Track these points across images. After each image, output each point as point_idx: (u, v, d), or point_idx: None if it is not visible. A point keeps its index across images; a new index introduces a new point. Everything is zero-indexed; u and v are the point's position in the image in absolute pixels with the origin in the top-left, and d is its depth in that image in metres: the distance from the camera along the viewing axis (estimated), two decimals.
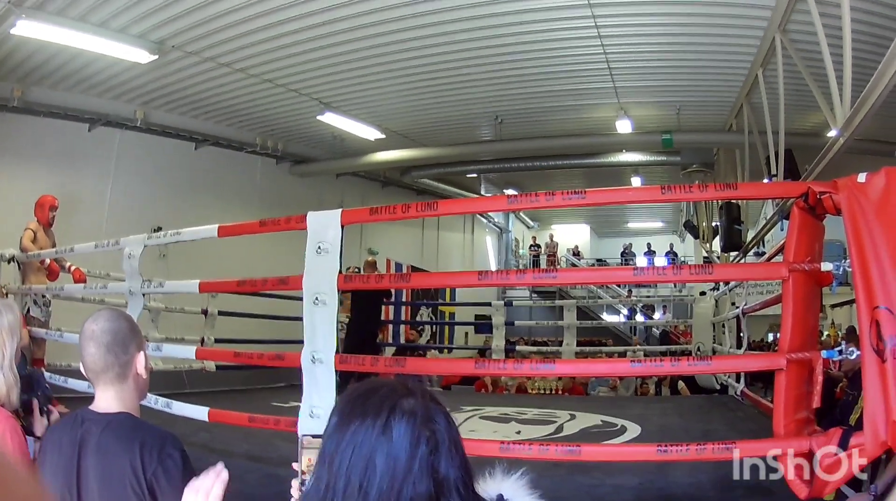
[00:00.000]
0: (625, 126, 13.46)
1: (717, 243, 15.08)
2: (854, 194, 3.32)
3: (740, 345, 9.30)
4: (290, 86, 11.86)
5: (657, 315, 25.71)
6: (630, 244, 28.54)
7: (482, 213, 24.08)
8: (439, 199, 16.94)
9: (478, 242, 25.84)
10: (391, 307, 18.63)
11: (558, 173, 18.84)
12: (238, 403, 7.96)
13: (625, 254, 28.23)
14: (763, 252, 15.58)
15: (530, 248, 28.18)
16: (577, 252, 28.75)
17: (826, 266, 3.61)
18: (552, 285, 20.61)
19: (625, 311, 26.32)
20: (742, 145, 12.66)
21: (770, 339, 20.47)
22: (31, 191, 9.34)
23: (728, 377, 9.71)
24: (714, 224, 15.77)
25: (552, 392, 12.95)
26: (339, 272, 4.56)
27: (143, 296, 6.18)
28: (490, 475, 1.49)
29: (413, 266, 20.27)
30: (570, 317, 13.18)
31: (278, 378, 10.82)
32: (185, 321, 10.89)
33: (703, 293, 11.69)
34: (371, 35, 9.87)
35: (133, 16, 9.02)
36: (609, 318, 26.02)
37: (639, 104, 12.96)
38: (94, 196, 12.04)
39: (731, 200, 12.85)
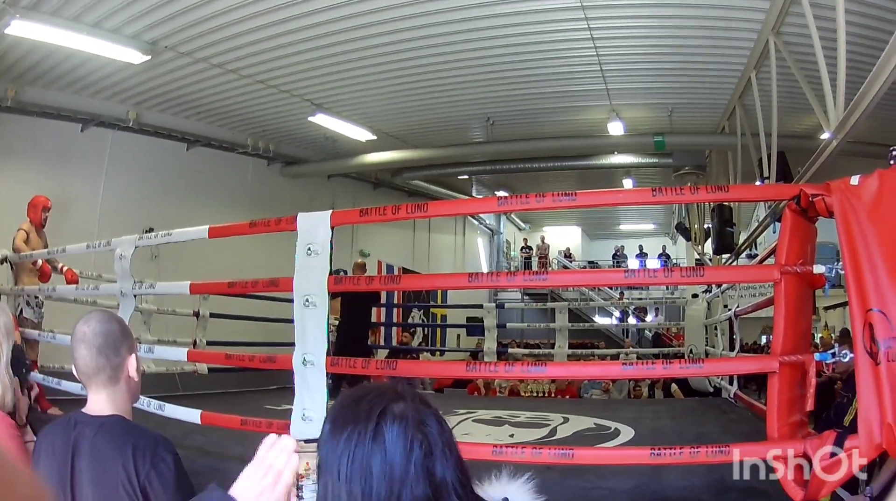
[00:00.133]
0: (617, 128, 13.48)
1: (709, 246, 15.12)
2: (847, 197, 3.32)
3: (733, 347, 9.30)
4: (281, 87, 11.85)
5: (649, 318, 25.70)
6: (622, 247, 28.55)
7: (473, 214, 24.10)
8: (430, 200, 16.92)
9: (469, 244, 25.83)
10: (383, 310, 18.61)
11: (550, 175, 18.84)
12: (230, 405, 7.94)
13: (616, 256, 28.25)
14: (755, 254, 15.64)
15: (522, 250, 28.17)
16: (568, 254, 28.74)
17: (818, 269, 3.61)
18: (543, 288, 20.66)
19: (617, 313, 26.34)
20: (734, 148, 12.69)
21: (763, 341, 20.52)
22: (23, 191, 9.31)
23: (721, 379, 9.70)
24: (706, 226, 15.79)
25: (545, 395, 12.94)
26: (330, 274, 4.54)
27: (135, 298, 6.15)
28: (496, 478, 1.49)
29: (404, 268, 20.24)
30: (562, 319, 13.17)
31: (271, 381, 10.77)
32: (177, 323, 10.86)
33: (696, 296, 11.67)
34: (363, 37, 9.88)
35: (126, 16, 9.01)
36: (601, 320, 26.00)
37: (631, 106, 12.98)
38: (87, 196, 12.01)
39: (723, 202, 12.87)
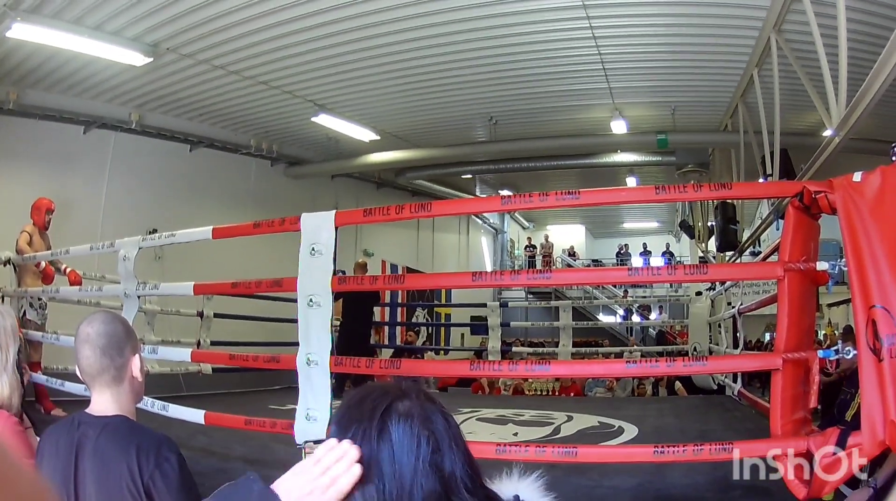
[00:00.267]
0: (619, 127, 13.46)
1: (712, 243, 15.10)
2: (850, 194, 3.31)
3: (737, 345, 9.30)
4: (284, 88, 11.85)
5: (653, 316, 25.68)
6: (626, 245, 28.54)
7: (477, 214, 24.08)
8: (434, 200, 16.93)
9: (473, 243, 25.81)
10: (387, 309, 18.63)
11: (553, 174, 18.83)
12: (234, 406, 7.95)
13: (620, 254, 28.23)
14: (759, 252, 15.60)
15: (526, 249, 28.15)
16: (572, 253, 28.72)
17: (821, 265, 3.61)
18: (547, 286, 20.63)
19: (621, 312, 26.33)
20: (737, 145, 12.66)
21: (767, 339, 20.49)
22: (25, 194, 9.31)
23: (725, 377, 9.71)
24: (710, 224, 15.77)
25: (549, 394, 12.94)
26: (334, 274, 4.55)
27: (139, 298, 6.17)
28: (507, 475, 1.49)
29: (408, 268, 20.25)
30: (566, 318, 13.18)
31: (275, 381, 10.80)
32: (181, 323, 10.88)
33: (699, 294, 11.66)
34: (365, 37, 9.87)
35: (128, 18, 9.01)
36: (605, 319, 26.02)
37: (633, 105, 12.97)
38: (90, 198, 12.01)
39: (726, 199, 12.86)
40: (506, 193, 17.72)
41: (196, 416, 5.38)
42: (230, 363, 5.94)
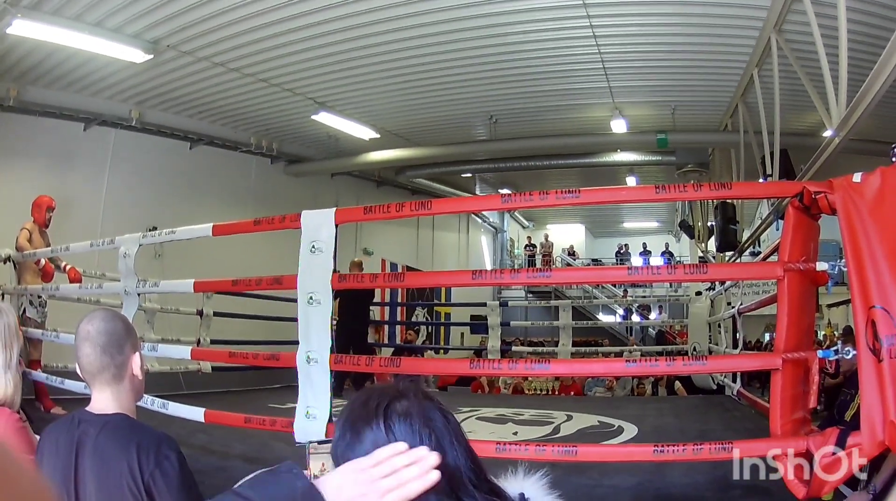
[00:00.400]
0: (620, 126, 13.46)
1: (712, 243, 15.10)
2: (849, 194, 3.32)
3: (736, 345, 9.30)
4: (284, 85, 11.85)
5: (653, 315, 25.69)
6: (626, 245, 28.55)
7: (476, 212, 24.08)
8: (434, 198, 16.92)
9: (473, 242, 25.79)
10: (387, 308, 18.63)
11: (553, 173, 18.84)
12: (234, 404, 7.94)
13: (620, 254, 28.23)
14: (759, 252, 15.60)
15: (525, 248, 28.14)
16: (572, 252, 28.72)
17: (821, 266, 3.62)
18: (547, 285, 20.64)
19: (621, 311, 26.34)
20: (737, 145, 12.67)
21: (766, 339, 20.49)
22: (25, 191, 9.32)
23: (724, 377, 9.71)
24: (709, 224, 15.77)
25: (549, 393, 12.94)
26: (334, 272, 4.55)
27: (139, 296, 6.17)
28: (512, 473, 1.50)
29: (408, 266, 20.23)
30: (566, 317, 13.19)
31: (274, 379, 10.79)
32: (181, 322, 10.88)
33: (699, 293, 11.66)
34: (366, 35, 9.87)
35: (128, 15, 9.01)
36: (605, 318, 26.02)
37: (634, 104, 12.97)
38: (89, 195, 12.00)
39: (726, 199, 12.86)
40: (506, 191, 17.70)
41: (196, 414, 5.39)
42: (230, 360, 5.94)
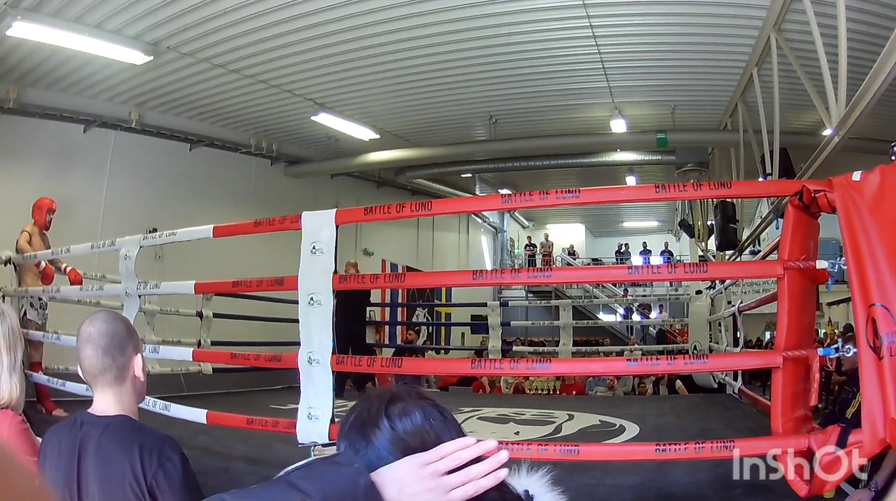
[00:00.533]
0: (619, 126, 13.46)
1: (712, 242, 15.10)
2: (849, 193, 3.33)
3: (737, 344, 9.30)
4: (284, 87, 11.85)
5: (653, 315, 25.70)
6: (627, 244, 28.56)
7: (477, 212, 24.11)
8: (434, 199, 16.92)
9: (473, 242, 25.80)
10: (387, 309, 18.65)
11: (553, 173, 18.84)
12: (235, 405, 7.95)
13: (620, 254, 28.24)
14: (759, 251, 15.60)
15: (526, 248, 28.15)
16: (572, 252, 28.73)
17: (821, 264, 3.62)
18: (547, 285, 20.65)
19: (621, 310, 26.33)
20: (737, 144, 12.67)
21: (767, 337, 20.51)
22: (25, 193, 9.33)
23: (725, 375, 9.71)
24: (709, 223, 15.77)
25: (550, 393, 12.94)
26: (334, 273, 4.55)
27: (140, 298, 6.17)
28: (516, 472, 1.50)
29: (408, 267, 20.24)
30: (567, 317, 13.18)
31: (275, 381, 10.79)
32: (182, 323, 10.87)
33: (699, 292, 11.66)
34: (365, 36, 9.87)
35: (128, 17, 9.01)
36: (605, 318, 26.02)
37: (633, 104, 12.97)
38: (90, 197, 12.00)
39: (726, 198, 12.86)
40: (506, 191, 17.70)
41: (198, 416, 5.38)
42: (231, 362, 5.94)
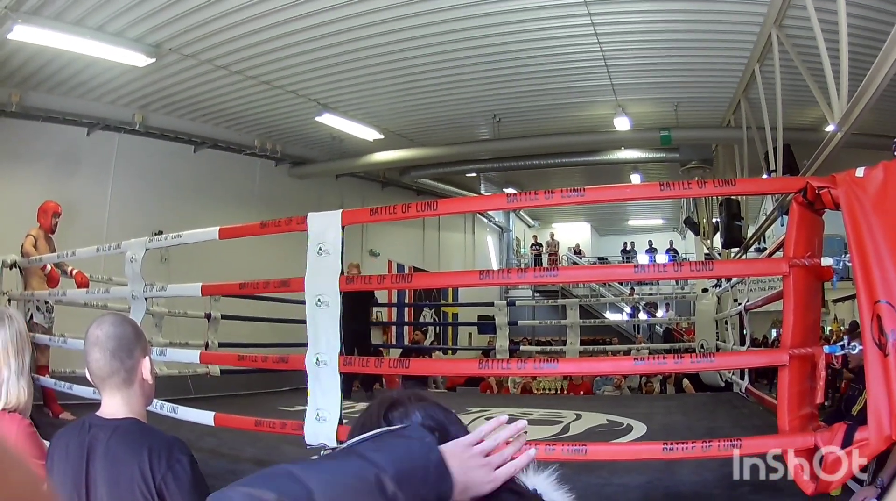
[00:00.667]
0: (623, 123, 13.46)
1: (717, 240, 15.09)
2: (852, 189, 3.32)
3: (743, 342, 9.29)
4: (287, 87, 11.86)
5: (660, 313, 25.68)
6: (632, 243, 28.54)
7: (482, 212, 24.16)
8: (439, 198, 16.93)
9: (479, 242, 25.80)
10: (394, 309, 18.65)
11: (557, 172, 18.83)
12: (243, 407, 7.94)
13: (625, 252, 28.23)
14: (764, 248, 15.59)
15: (532, 247, 28.16)
16: (578, 251, 28.72)
17: (826, 261, 3.61)
18: (554, 284, 20.65)
19: (627, 309, 26.31)
20: (740, 141, 12.67)
21: (773, 335, 20.48)
22: (30, 196, 9.34)
23: (732, 374, 9.70)
24: (714, 221, 15.77)
25: (558, 392, 12.93)
26: (341, 273, 4.56)
27: (146, 300, 6.18)
28: (523, 470, 1.51)
29: (415, 267, 20.25)
30: (573, 316, 13.16)
31: (283, 382, 10.79)
32: (189, 325, 10.86)
33: (706, 290, 11.64)
34: (368, 36, 9.88)
35: (130, 19, 9.03)
36: (612, 317, 25.98)
37: (636, 101, 12.97)
38: (94, 200, 12.01)
39: (731, 196, 12.86)
40: (511, 191, 17.71)
41: (206, 418, 5.39)
42: (239, 364, 5.95)
